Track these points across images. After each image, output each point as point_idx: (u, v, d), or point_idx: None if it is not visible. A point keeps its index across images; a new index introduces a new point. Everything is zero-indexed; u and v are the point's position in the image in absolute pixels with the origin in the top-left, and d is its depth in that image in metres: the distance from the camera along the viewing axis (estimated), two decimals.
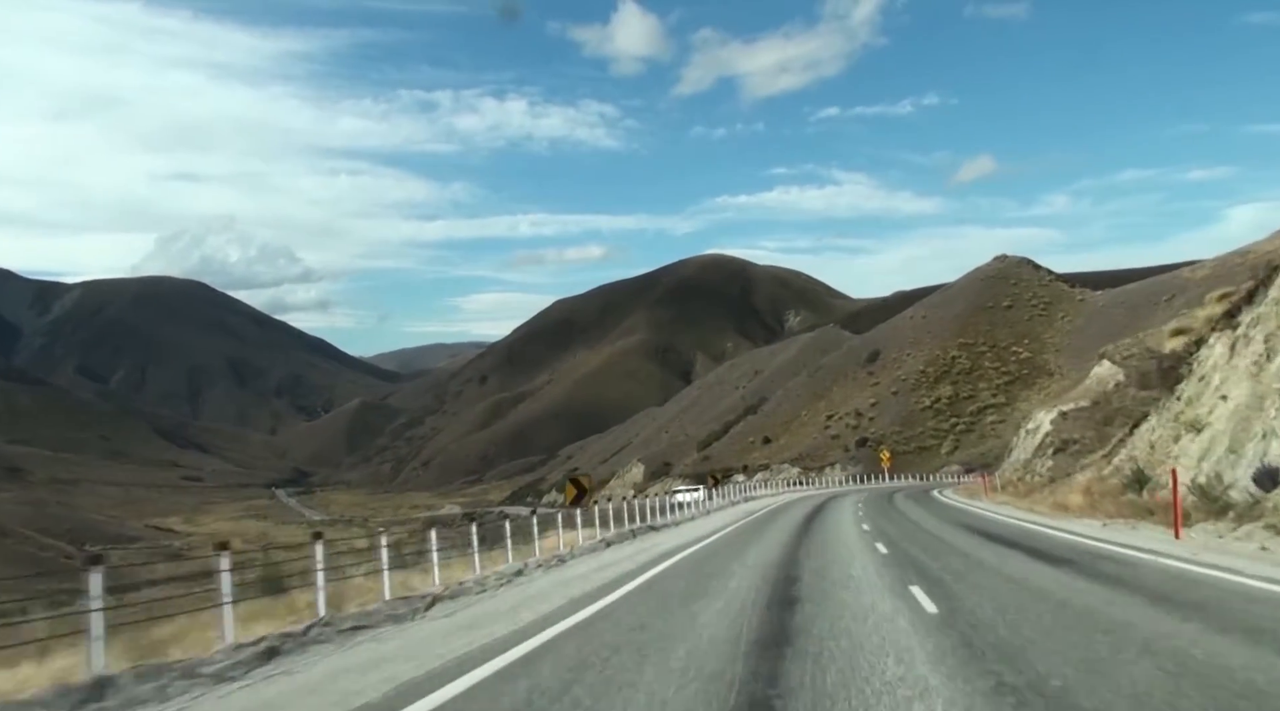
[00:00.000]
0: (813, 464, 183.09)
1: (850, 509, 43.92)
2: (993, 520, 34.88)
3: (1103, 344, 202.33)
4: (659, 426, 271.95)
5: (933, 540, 26.61)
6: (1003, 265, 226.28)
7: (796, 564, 20.11)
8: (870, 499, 56.75)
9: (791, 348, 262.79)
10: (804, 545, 25.79)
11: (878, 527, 31.56)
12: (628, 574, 19.48)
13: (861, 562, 19.85)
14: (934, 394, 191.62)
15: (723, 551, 25.17)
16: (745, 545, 27.09)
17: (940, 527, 31.93)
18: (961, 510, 42.55)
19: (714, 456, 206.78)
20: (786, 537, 28.89)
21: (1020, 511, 37.81)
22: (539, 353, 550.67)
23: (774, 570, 18.77)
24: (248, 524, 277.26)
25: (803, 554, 23.02)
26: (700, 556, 24.05)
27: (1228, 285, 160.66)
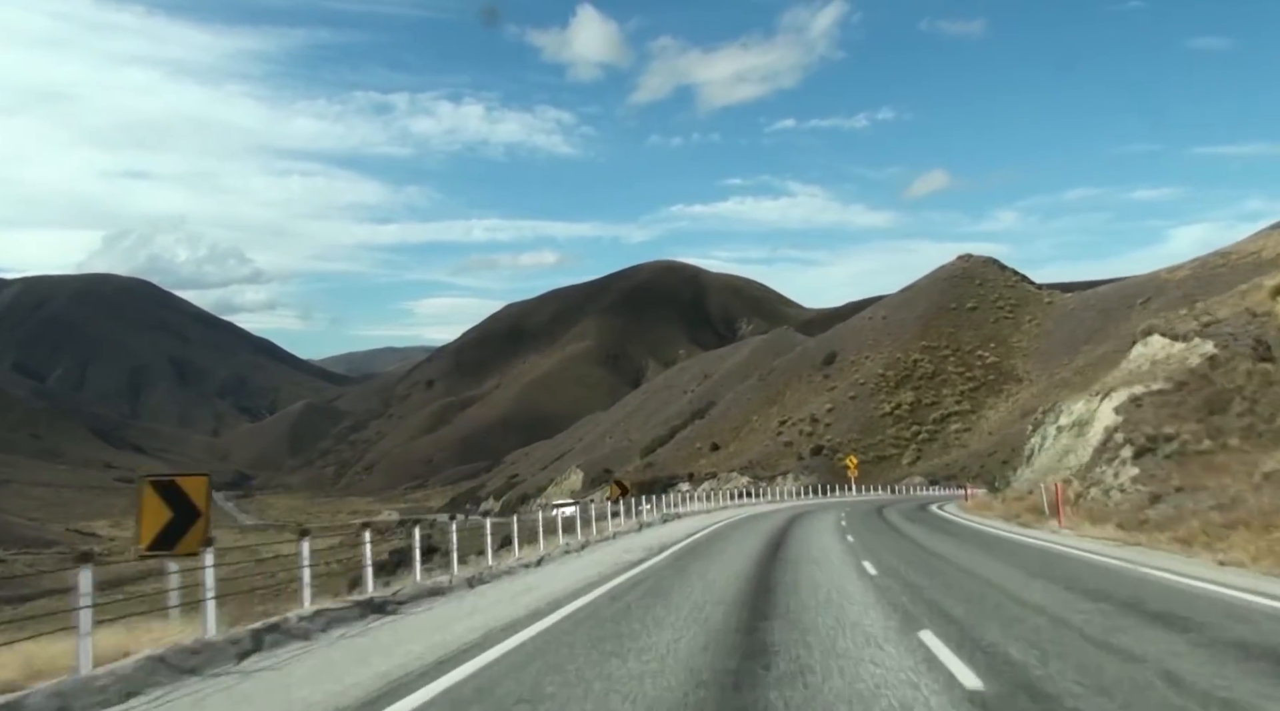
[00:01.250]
0: (764, 473, 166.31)
1: (844, 554, 24.51)
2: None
3: (1074, 348, 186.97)
4: (603, 431, 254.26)
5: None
6: (967, 265, 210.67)
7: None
8: (861, 523, 38.79)
9: (743, 350, 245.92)
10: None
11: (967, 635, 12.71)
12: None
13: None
14: (895, 399, 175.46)
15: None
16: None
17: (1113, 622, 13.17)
18: (1089, 564, 20.98)
19: (658, 463, 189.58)
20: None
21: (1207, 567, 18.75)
22: (488, 357, 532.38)
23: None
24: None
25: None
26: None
27: (1209, 287, 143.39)
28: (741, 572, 18.96)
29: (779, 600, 14.47)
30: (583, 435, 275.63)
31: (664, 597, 15.17)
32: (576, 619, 13.20)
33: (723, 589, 16.19)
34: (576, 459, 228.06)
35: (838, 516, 43.97)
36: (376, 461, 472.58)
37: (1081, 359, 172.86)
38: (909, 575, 17.81)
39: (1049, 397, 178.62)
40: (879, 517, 43.06)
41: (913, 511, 52.23)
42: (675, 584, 17.20)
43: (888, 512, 49.22)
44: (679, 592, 15.79)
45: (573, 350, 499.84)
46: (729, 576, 18.23)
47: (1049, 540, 26.67)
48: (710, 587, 16.38)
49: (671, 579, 18.13)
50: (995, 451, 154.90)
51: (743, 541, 29.58)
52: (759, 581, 17.23)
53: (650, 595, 15.67)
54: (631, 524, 40.61)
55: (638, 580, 18.28)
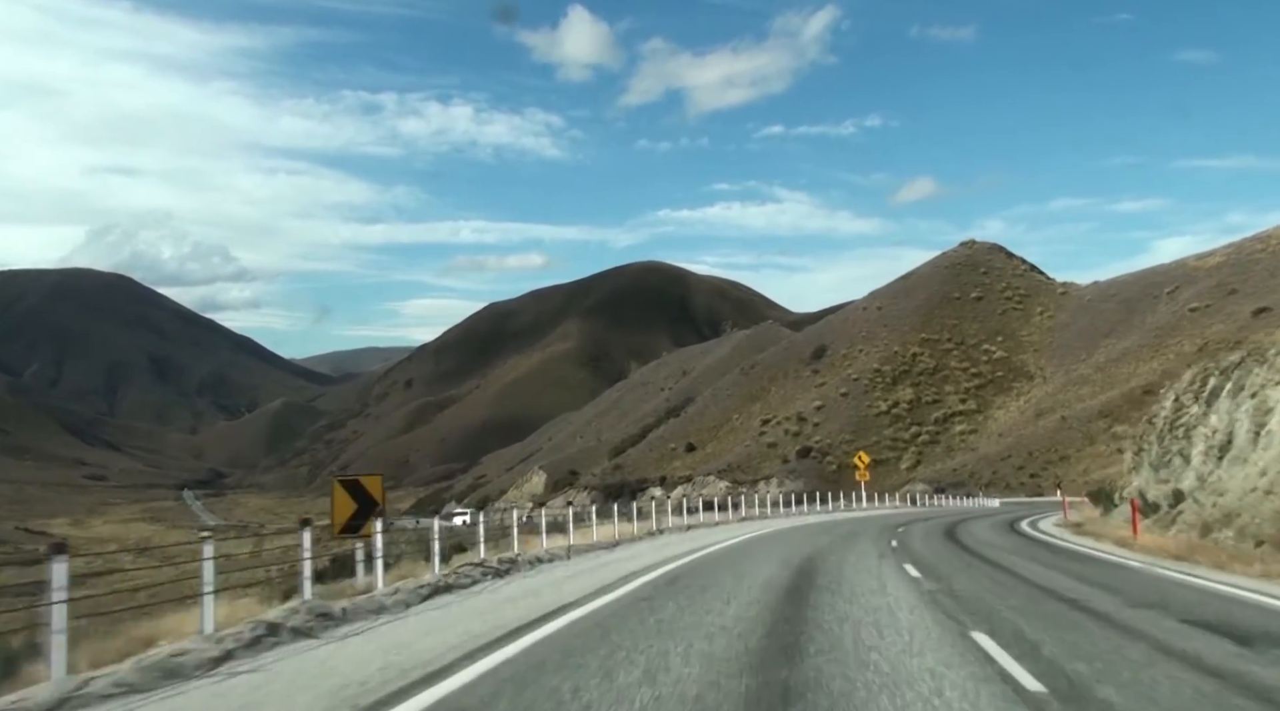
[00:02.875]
0: (744, 477, 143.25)
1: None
2: None
3: (1093, 342, 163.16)
4: (574, 431, 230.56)
5: None
6: (970, 251, 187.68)
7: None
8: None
9: (725, 346, 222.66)
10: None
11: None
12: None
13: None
14: (891, 397, 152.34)
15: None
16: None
17: None
18: None
19: (628, 465, 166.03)
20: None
21: None
22: (468, 357, 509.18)
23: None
24: (137, 527, 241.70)
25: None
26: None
27: (1247, 274, 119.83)
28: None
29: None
30: (552, 435, 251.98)
31: None
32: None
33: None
34: (544, 460, 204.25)
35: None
36: (351, 461, 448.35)
37: (1102, 354, 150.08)
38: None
39: (1066, 396, 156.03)
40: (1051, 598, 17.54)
41: (1061, 560, 26.96)
42: None
43: (1024, 567, 23.74)
44: None
45: (554, 351, 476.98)
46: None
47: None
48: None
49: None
50: (1009, 455, 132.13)
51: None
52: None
53: None
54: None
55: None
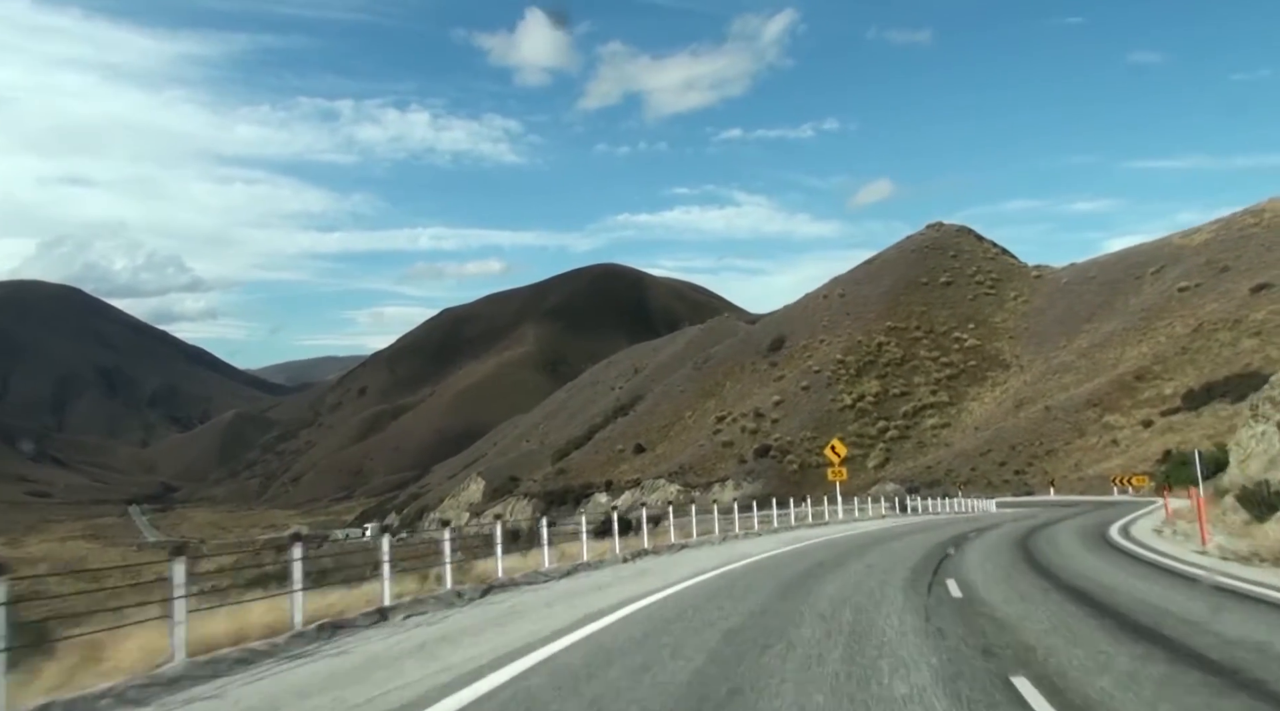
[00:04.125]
0: (697, 479, 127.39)
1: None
2: None
3: (1073, 328, 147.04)
4: (521, 435, 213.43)
5: None
6: (938, 234, 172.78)
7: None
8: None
9: (678, 341, 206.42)
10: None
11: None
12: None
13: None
14: (856, 390, 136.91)
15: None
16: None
17: None
18: None
19: (572, 469, 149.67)
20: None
21: None
22: (423, 364, 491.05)
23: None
24: (75, 545, 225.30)
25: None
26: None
27: (1240, 250, 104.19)
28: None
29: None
30: (498, 440, 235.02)
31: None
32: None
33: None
34: (486, 466, 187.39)
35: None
36: (303, 472, 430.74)
37: (1084, 339, 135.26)
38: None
39: (1047, 384, 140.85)
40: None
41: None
42: None
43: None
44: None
45: (511, 356, 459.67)
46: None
47: None
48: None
49: None
50: (988, 450, 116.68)
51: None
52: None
53: None
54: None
55: None
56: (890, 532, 27.42)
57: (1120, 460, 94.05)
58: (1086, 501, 66.36)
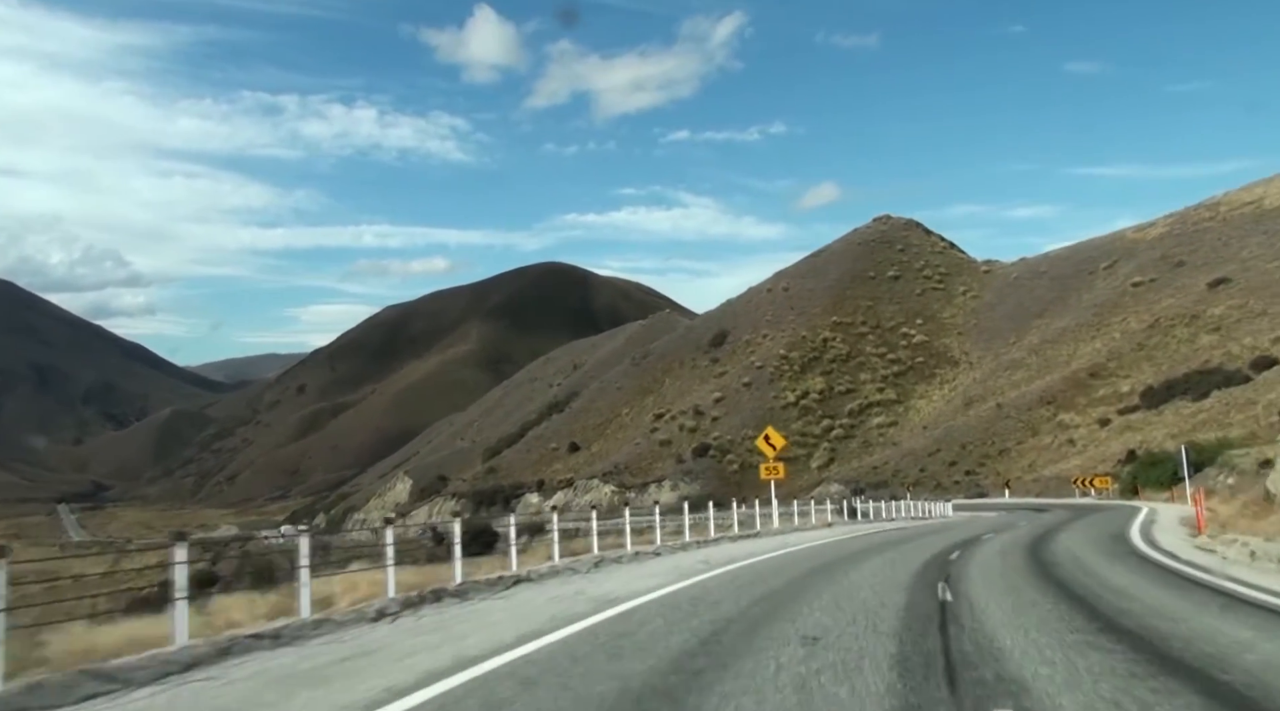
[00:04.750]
0: (633, 479, 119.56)
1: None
2: None
3: (1023, 324, 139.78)
4: (455, 433, 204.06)
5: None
6: (885, 227, 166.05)
7: None
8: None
9: (618, 337, 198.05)
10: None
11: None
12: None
13: None
14: (800, 387, 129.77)
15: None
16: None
17: None
18: None
19: (503, 468, 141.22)
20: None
21: None
22: (364, 362, 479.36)
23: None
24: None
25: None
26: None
27: (1196, 244, 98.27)
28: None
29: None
30: (431, 439, 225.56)
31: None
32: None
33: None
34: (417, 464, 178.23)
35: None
36: (239, 471, 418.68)
37: (1035, 335, 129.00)
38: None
39: (997, 382, 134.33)
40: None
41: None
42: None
43: None
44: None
45: (454, 354, 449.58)
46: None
47: None
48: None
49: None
50: (937, 450, 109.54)
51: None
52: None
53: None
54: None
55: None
56: (840, 553, 19.30)
57: (1078, 460, 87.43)
58: (1055, 504, 59.15)
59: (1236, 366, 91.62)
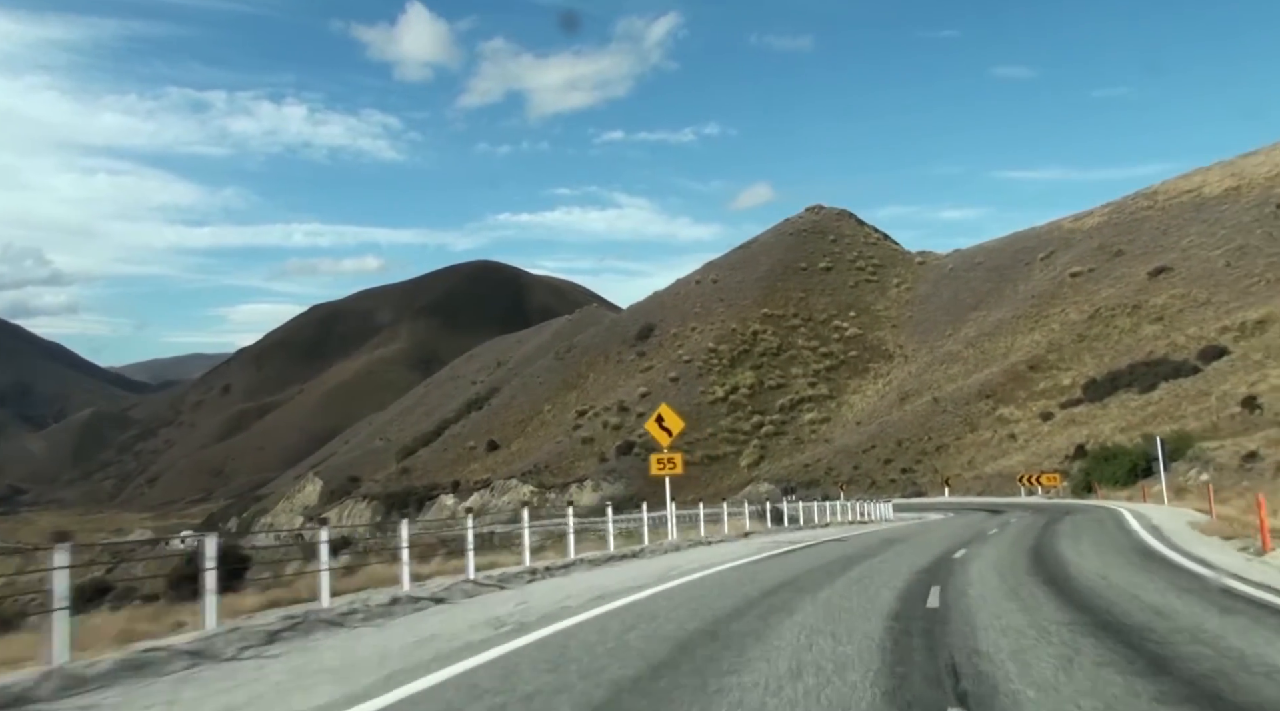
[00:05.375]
0: (554, 479, 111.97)
1: None
2: None
3: (959, 316, 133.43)
4: (375, 432, 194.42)
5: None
6: (817, 217, 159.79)
7: None
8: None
9: (544, 332, 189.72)
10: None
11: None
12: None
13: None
14: (729, 381, 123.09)
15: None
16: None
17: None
18: None
19: (418, 468, 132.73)
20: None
21: None
22: (291, 361, 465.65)
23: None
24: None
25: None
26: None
27: (1135, 233, 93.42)
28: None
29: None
30: (350, 438, 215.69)
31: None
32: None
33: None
34: (333, 464, 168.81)
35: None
36: (161, 473, 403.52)
37: (971, 327, 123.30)
38: None
39: (933, 375, 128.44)
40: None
41: None
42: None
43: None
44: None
45: (383, 354, 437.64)
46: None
47: None
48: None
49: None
50: (872, 446, 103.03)
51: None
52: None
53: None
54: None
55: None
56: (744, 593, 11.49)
57: (1021, 457, 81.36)
58: (1006, 504, 52.48)
59: (1183, 357, 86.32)
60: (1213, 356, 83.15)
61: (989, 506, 52.60)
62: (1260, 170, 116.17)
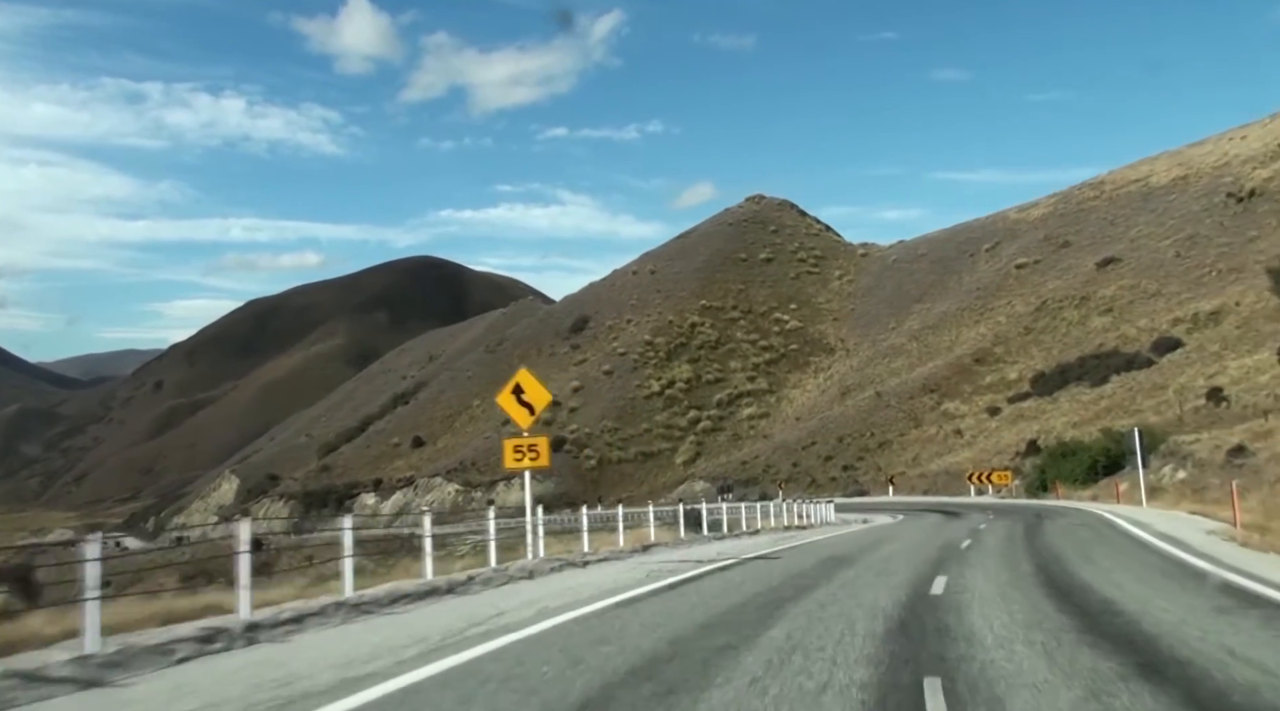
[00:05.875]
0: (480, 477, 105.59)
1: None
2: None
3: (902, 308, 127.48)
4: (301, 428, 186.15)
5: None
6: (758, 207, 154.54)
7: None
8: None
9: (477, 326, 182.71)
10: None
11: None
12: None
13: None
14: (666, 375, 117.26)
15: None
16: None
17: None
18: None
19: (339, 466, 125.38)
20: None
21: None
22: (225, 357, 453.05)
23: None
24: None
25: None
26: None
27: (1081, 224, 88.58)
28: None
29: None
30: (275, 435, 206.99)
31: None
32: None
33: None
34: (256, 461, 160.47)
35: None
36: (89, 471, 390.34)
37: (915, 320, 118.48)
38: None
39: (876, 369, 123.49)
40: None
41: None
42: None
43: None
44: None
45: (320, 350, 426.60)
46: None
47: None
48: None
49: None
50: (812, 443, 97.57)
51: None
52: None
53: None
54: None
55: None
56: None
57: (968, 453, 76.28)
58: (959, 505, 46.96)
59: (1135, 349, 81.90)
60: (1166, 348, 78.93)
61: (941, 507, 47.15)
62: (1208, 159, 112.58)
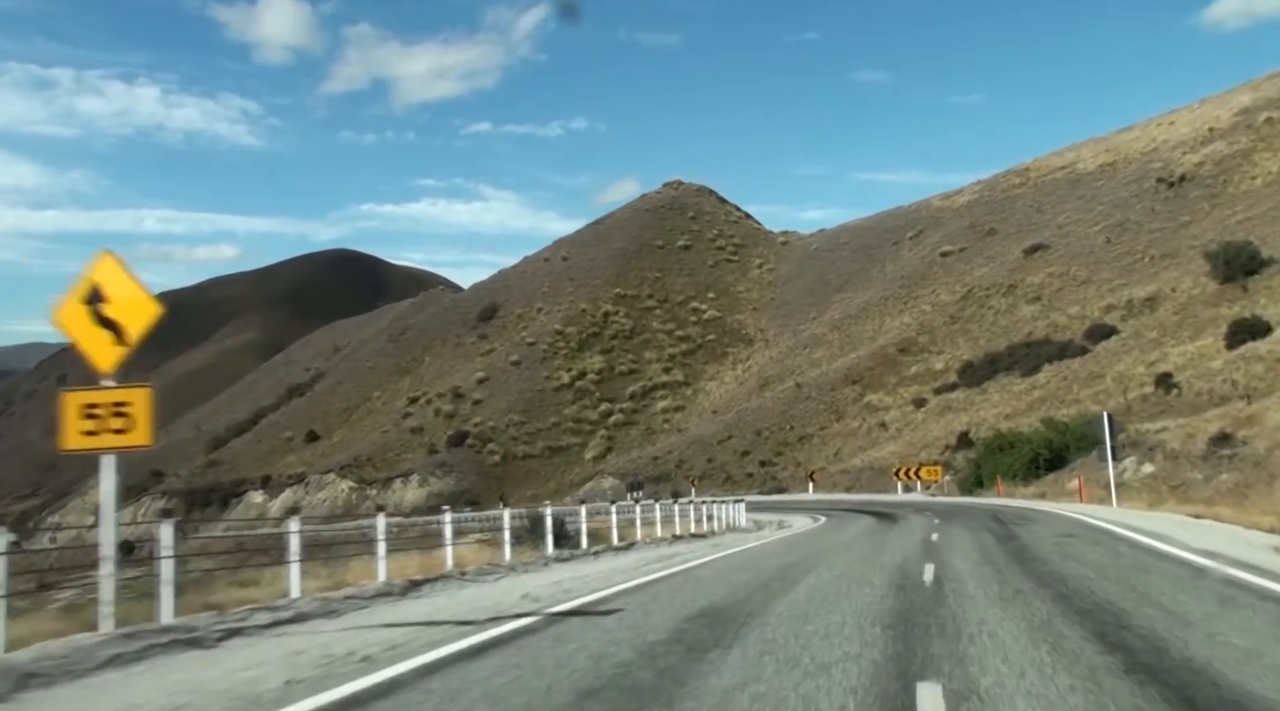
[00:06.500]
0: (376, 473, 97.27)
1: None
2: None
3: (824, 298, 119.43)
4: (196, 421, 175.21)
5: None
6: (676, 193, 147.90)
7: None
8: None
9: (384, 316, 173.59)
10: None
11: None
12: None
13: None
14: (576, 366, 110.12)
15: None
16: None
17: None
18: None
19: (228, 461, 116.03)
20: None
21: None
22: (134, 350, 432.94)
23: None
24: None
25: None
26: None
27: (1007, 211, 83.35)
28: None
29: None
30: (172, 429, 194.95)
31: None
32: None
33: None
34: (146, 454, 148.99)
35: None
36: None
37: (836, 310, 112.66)
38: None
39: (796, 360, 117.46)
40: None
41: None
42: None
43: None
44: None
45: (232, 344, 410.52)
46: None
47: None
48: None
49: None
50: (729, 437, 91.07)
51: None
52: None
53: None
54: None
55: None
56: None
57: (894, 447, 70.30)
58: (888, 504, 40.40)
59: (1068, 337, 76.73)
60: (1100, 336, 73.93)
61: (869, 506, 40.68)
62: (1135, 145, 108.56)
